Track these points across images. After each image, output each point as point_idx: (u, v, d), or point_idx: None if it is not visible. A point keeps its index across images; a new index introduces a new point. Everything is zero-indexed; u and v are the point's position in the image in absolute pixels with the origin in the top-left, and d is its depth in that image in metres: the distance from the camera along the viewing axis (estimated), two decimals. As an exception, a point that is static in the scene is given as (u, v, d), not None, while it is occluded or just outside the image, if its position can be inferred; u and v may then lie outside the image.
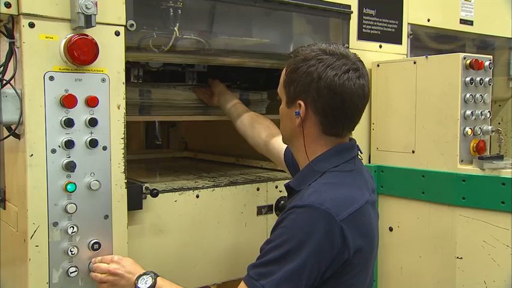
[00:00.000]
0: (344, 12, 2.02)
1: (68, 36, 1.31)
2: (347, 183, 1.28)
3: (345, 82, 1.23)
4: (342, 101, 1.25)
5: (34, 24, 1.28)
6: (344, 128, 1.32)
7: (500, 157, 1.83)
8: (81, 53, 1.32)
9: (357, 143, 1.39)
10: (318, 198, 1.18)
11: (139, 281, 1.33)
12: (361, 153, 1.39)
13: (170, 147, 3.12)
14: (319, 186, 1.24)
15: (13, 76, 1.31)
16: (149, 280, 1.33)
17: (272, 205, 1.88)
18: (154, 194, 1.58)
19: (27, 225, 1.30)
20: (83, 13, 1.29)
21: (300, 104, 1.29)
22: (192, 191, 1.70)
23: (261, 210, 1.85)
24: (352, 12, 2.04)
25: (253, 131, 1.85)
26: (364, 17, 2.09)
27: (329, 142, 1.32)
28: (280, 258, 1.15)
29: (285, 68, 1.36)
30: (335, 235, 1.15)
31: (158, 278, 1.34)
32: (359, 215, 1.21)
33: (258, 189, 1.85)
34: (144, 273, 1.35)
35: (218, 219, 1.74)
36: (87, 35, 1.33)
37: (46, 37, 1.30)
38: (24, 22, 1.27)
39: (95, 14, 1.31)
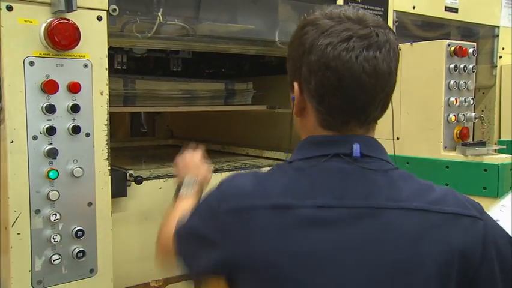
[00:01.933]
0: (329, -1, 2.01)
1: (49, 20, 1.28)
2: (268, 177, 0.98)
3: (342, 53, 0.90)
4: (337, 78, 0.91)
5: (12, 8, 1.25)
6: (348, 118, 0.96)
7: (482, 143, 1.85)
8: (62, 38, 1.29)
9: (362, 146, 0.95)
10: (226, 179, 1.03)
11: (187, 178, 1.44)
12: (359, 156, 0.94)
13: (155, 135, 3.11)
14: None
15: (-9, 61, 1.28)
16: (191, 183, 1.41)
17: (258, 192, 1.87)
18: (139, 181, 1.57)
19: (8, 212, 1.28)
20: (64, -4, 1.26)
21: (294, 86, 0.99)
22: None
23: (247, 197, 1.85)
24: (338, -2, 2.04)
25: None
26: (350, 3, 2.08)
27: None
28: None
29: None
30: (215, 218, 0.95)
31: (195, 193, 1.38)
32: (252, 215, 0.92)
33: (243, 176, 1.85)
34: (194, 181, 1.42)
35: (203, 206, 1.74)
36: (68, 20, 1.30)
37: (25, 21, 1.27)
38: (2, 5, 1.24)
39: (76, -2, 1.28)
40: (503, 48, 2.82)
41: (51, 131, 1.31)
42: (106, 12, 1.40)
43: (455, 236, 0.90)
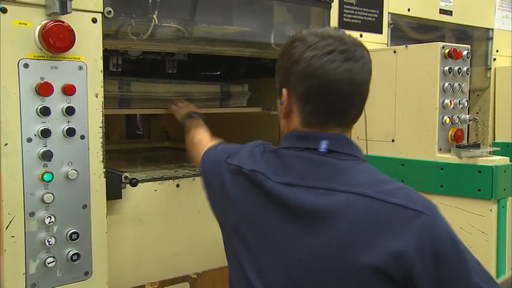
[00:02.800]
0: (324, 1, 2.02)
1: (43, 22, 1.28)
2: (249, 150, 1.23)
3: (325, 64, 1.05)
4: (320, 86, 1.06)
5: (6, 10, 1.25)
6: (328, 119, 1.11)
7: (477, 145, 1.86)
8: (57, 40, 1.29)
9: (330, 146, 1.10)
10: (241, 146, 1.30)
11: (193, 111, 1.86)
12: (325, 152, 1.10)
13: (151, 137, 3.10)
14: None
15: (-14, 63, 1.28)
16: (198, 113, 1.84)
17: (253, 194, 1.87)
18: (134, 183, 1.56)
19: (2, 215, 1.28)
20: (58, -2, 1.26)
21: (282, 92, 1.15)
22: (172, 180, 1.69)
23: (242, 199, 1.85)
24: (333, 1, 2.04)
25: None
26: (345, 6, 2.09)
27: None
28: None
29: None
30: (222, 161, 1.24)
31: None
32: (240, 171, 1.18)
33: (238, 179, 1.85)
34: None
35: (198, 209, 1.74)
36: (63, 22, 1.30)
37: (20, 23, 1.26)
38: (-4, 7, 1.24)
39: (71, 0, 1.27)
40: (497, 51, 2.84)
41: (46, 133, 1.31)
42: (101, 14, 1.40)
43: (395, 225, 0.99)
